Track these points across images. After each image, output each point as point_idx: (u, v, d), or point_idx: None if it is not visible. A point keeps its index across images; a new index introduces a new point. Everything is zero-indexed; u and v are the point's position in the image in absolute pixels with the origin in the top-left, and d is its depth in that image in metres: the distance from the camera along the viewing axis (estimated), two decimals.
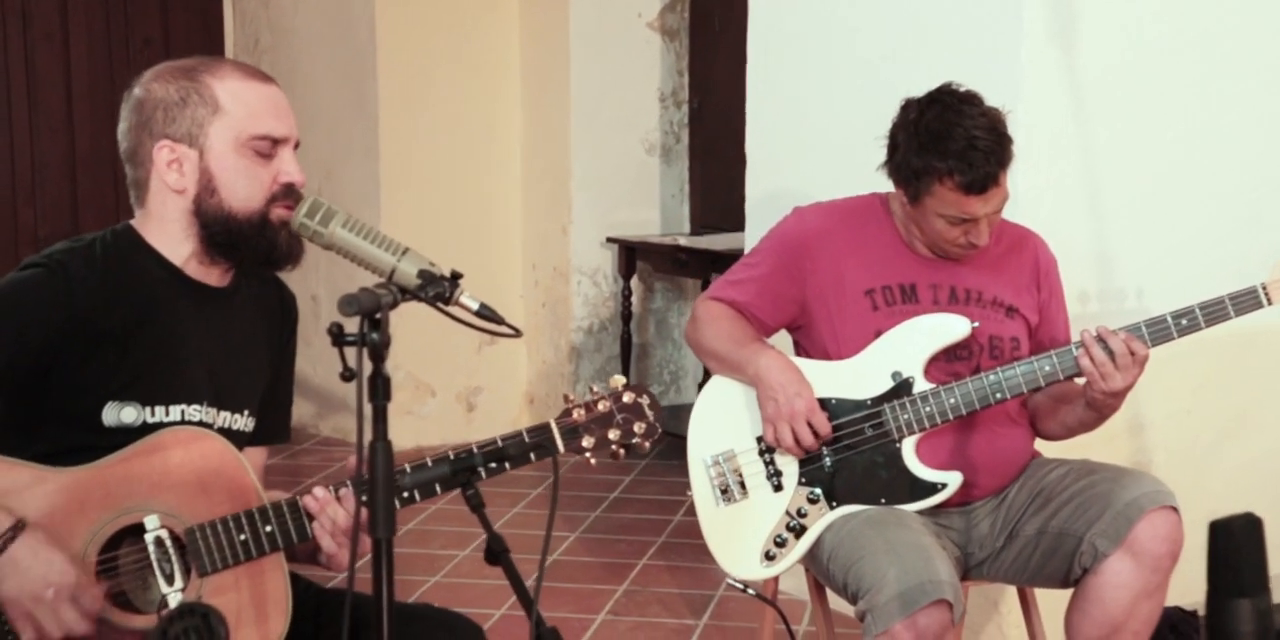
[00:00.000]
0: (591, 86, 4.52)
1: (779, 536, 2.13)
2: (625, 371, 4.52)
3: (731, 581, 2.18)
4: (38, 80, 4.60)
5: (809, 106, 3.22)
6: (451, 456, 1.69)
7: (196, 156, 1.70)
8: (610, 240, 4.55)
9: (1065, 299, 2.28)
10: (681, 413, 1.83)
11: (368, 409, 1.38)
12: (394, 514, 1.38)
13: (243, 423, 1.81)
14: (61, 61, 4.64)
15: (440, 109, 4.52)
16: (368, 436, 1.38)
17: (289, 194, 1.71)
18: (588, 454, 1.74)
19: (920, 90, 2.96)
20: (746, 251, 3.43)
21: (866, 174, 3.09)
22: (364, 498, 1.39)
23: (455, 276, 1.61)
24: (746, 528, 2.14)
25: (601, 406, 1.76)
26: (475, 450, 1.69)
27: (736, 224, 4.44)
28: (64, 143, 4.65)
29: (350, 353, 1.38)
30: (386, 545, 1.36)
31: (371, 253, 1.60)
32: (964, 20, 2.87)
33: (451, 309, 1.58)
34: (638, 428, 1.76)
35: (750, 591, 2.19)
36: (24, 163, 4.59)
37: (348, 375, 1.40)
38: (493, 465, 1.69)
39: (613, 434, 1.75)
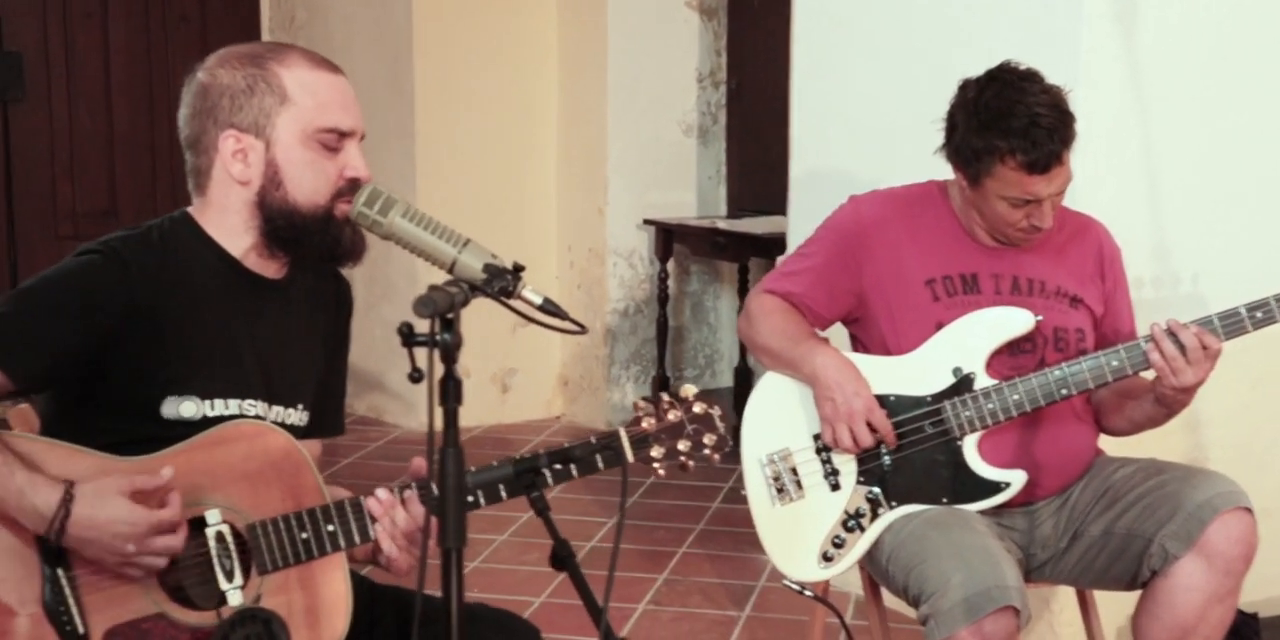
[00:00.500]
0: (629, 66, 4.46)
1: (837, 537, 2.10)
2: (660, 355, 4.49)
3: (788, 583, 2.14)
4: (77, 57, 4.58)
5: (857, 87, 3.15)
6: (515, 458, 1.66)
7: (263, 147, 1.66)
8: (647, 222, 4.50)
9: (1136, 296, 2.23)
10: (714, 397, 1.79)
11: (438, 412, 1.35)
12: (465, 523, 1.34)
13: (296, 417, 1.78)
14: (100, 39, 4.61)
15: (477, 89, 4.47)
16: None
17: (354, 189, 1.66)
18: (656, 465, 1.71)
19: (974, 73, 2.92)
20: (788, 235, 3.43)
21: (917, 157, 3.03)
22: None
23: (518, 269, 1.57)
24: (803, 528, 2.11)
25: (672, 416, 1.72)
26: (542, 453, 1.65)
27: (775, 207, 4.40)
28: (102, 120, 4.63)
29: (419, 353, 1.34)
30: (457, 555, 1.33)
31: (432, 244, 1.56)
32: (1022, 10, 2.80)
33: (514, 302, 1.54)
34: (707, 439, 1.72)
35: (808, 593, 2.16)
36: (63, 139, 4.58)
37: (416, 377, 1.36)
38: (558, 468, 1.65)
39: (682, 445, 1.71)
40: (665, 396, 1.74)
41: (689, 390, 1.75)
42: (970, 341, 2.07)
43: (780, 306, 2.17)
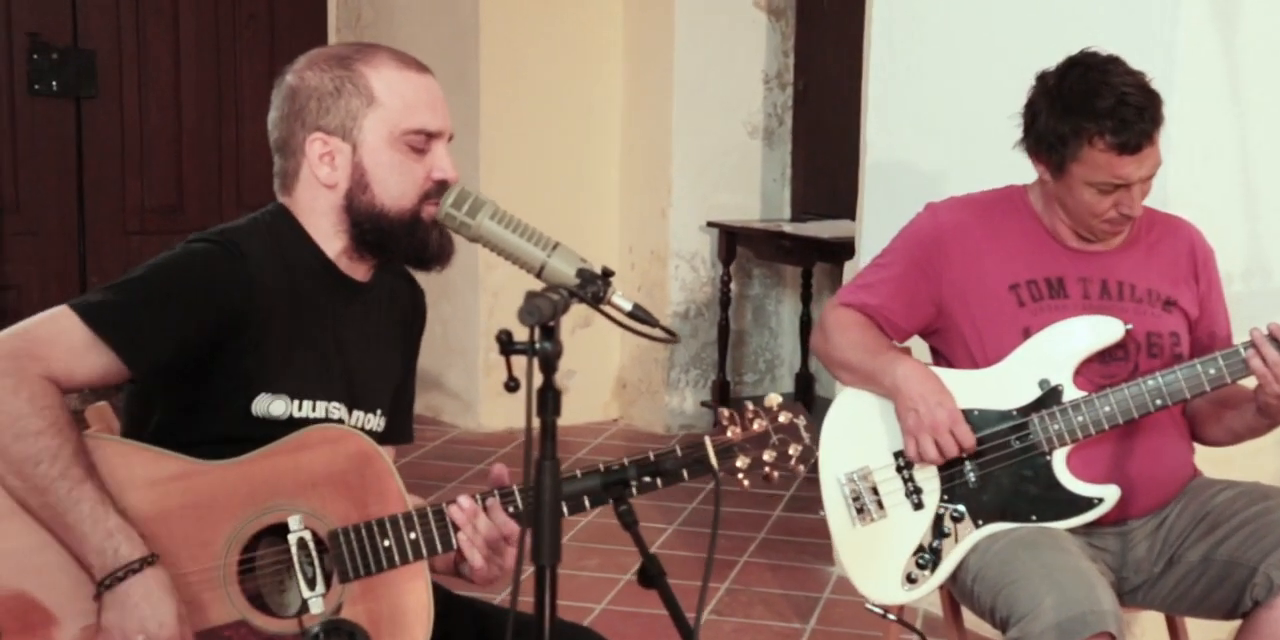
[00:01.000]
0: (695, 66, 4.42)
1: (921, 558, 2.04)
2: (721, 359, 4.44)
3: (871, 607, 2.09)
4: (147, 54, 4.62)
5: (937, 88, 3.10)
6: (602, 469, 1.62)
7: (350, 150, 1.64)
8: (710, 224, 4.46)
9: (1224, 291, 2.15)
10: (798, 406, 1.74)
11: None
12: (559, 538, 1.31)
13: (375, 423, 1.76)
14: (171, 36, 4.64)
15: (541, 87, 4.45)
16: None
17: (442, 191, 1.63)
18: (740, 475, 1.67)
19: None
20: (859, 237, 3.37)
21: (998, 158, 2.95)
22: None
23: (607, 274, 1.54)
24: (885, 549, 2.05)
25: (757, 426, 1.68)
26: (628, 463, 1.61)
27: (840, 210, 4.34)
28: (171, 116, 4.67)
29: (517, 362, 1.31)
30: (551, 573, 1.29)
31: (521, 247, 1.53)
32: (1114, 8, 2.73)
33: (604, 308, 1.51)
34: (793, 450, 1.68)
35: (891, 617, 2.11)
36: (133, 136, 4.62)
37: (513, 386, 1.33)
38: (646, 480, 1.61)
39: (767, 455, 1.68)
40: (750, 405, 1.71)
41: (774, 399, 1.71)
42: (1057, 352, 2.01)
43: (857, 320, 2.12)
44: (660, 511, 3.63)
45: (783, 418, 1.69)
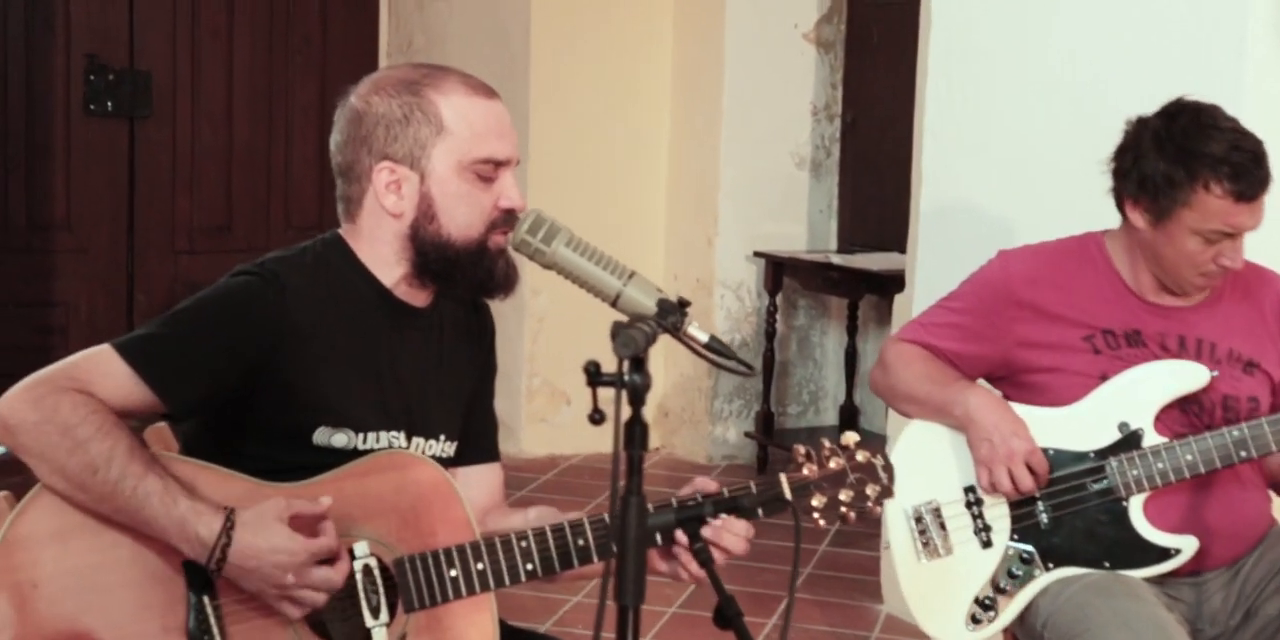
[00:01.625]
0: (743, 96, 4.42)
1: (986, 598, 1.99)
2: (766, 390, 4.40)
3: None
4: (202, 75, 4.66)
5: (995, 125, 3.07)
6: (675, 505, 1.59)
7: (418, 180, 1.61)
8: (757, 254, 4.44)
9: None
10: (875, 444, 1.71)
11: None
12: (645, 576, 1.27)
13: (439, 448, 1.73)
14: (225, 57, 4.69)
15: (589, 114, 4.45)
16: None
17: (509, 220, 1.61)
18: (816, 515, 1.63)
19: (1121, 114, 2.84)
20: (912, 271, 3.33)
21: (1056, 193, 2.96)
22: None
23: (683, 304, 1.52)
24: (951, 586, 2.00)
25: (834, 464, 1.64)
26: (702, 499, 1.58)
27: (887, 243, 4.31)
28: (223, 136, 4.70)
29: (603, 393, 1.28)
30: (634, 614, 1.25)
31: (597, 275, 1.51)
32: (1178, 43, 2.71)
33: (682, 338, 1.50)
34: (870, 490, 1.64)
35: None
36: (184, 154, 4.65)
37: (598, 418, 1.30)
38: (722, 516, 1.58)
39: (844, 495, 1.64)
40: (826, 443, 1.67)
41: (850, 437, 1.67)
42: (1138, 395, 1.96)
43: (921, 354, 2.08)
44: None
45: (860, 457, 1.65)
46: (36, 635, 1.52)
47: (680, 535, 1.57)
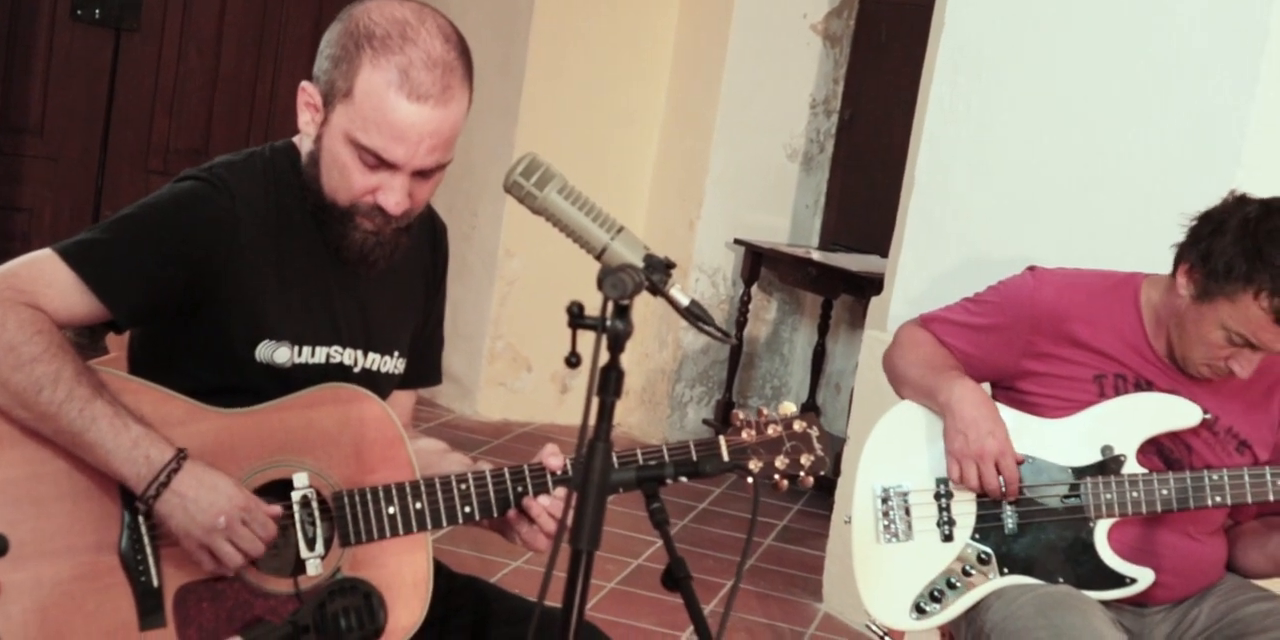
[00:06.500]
0: (744, 82, 4.37)
1: (936, 590, 1.96)
2: (729, 379, 4.36)
3: (871, 626, 2.04)
4: None
5: (994, 137, 3.04)
6: (641, 462, 1.55)
7: (321, 119, 1.55)
8: (738, 242, 4.39)
9: None
10: (813, 415, 1.70)
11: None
12: (601, 524, 1.23)
13: (392, 365, 1.68)
14: None
15: (585, 81, 4.39)
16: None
17: (380, 213, 1.54)
18: (750, 480, 1.60)
19: (1126, 138, 2.81)
20: (893, 275, 3.29)
21: (1048, 209, 2.93)
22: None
23: (669, 265, 1.48)
24: (902, 572, 1.97)
25: (771, 431, 1.65)
26: (668, 460, 1.54)
27: (869, 245, 4.28)
28: (209, 59, 4.60)
29: (583, 336, 1.24)
30: (587, 558, 1.21)
31: (585, 226, 1.46)
32: (1190, 80, 2.68)
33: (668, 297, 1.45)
34: (804, 460, 1.65)
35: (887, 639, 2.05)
36: (168, 74, 4.55)
37: (574, 361, 1.26)
38: (681, 479, 1.53)
39: (780, 462, 1.64)
40: (764, 411, 1.67)
41: (788, 407, 1.68)
42: (1128, 422, 1.94)
43: (931, 340, 2.07)
44: (650, 525, 3.54)
45: (797, 426, 1.66)
46: None
47: (545, 501, 1.58)
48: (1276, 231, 1.84)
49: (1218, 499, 1.89)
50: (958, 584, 1.96)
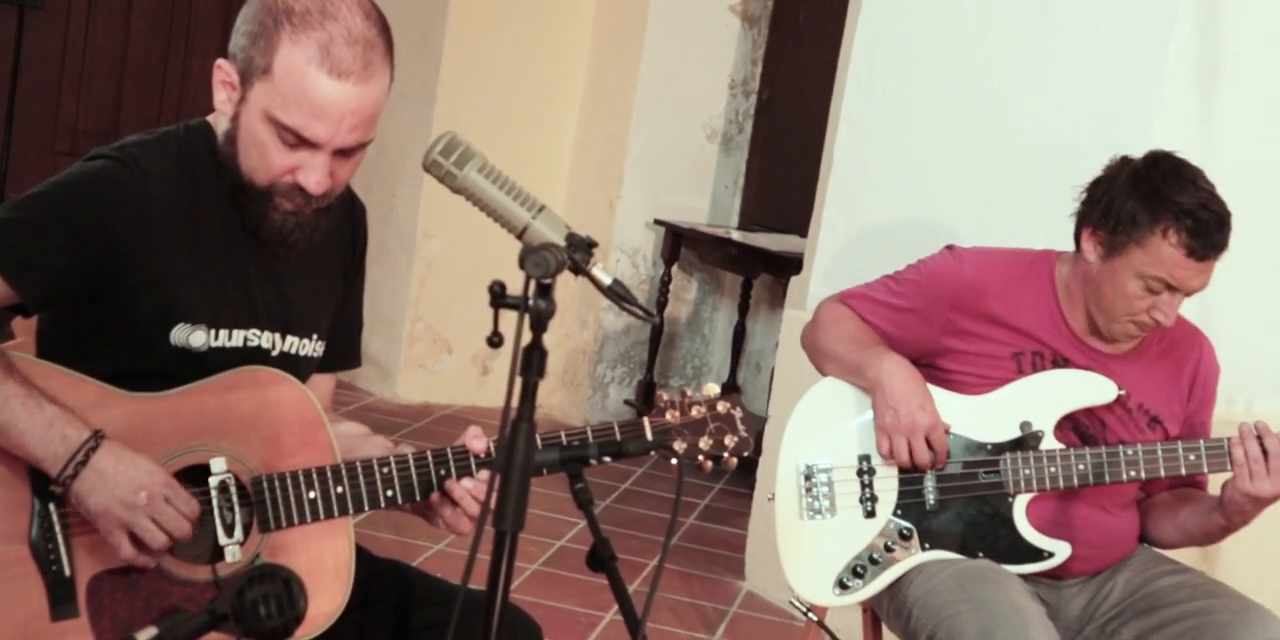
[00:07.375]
0: (662, 63, 4.36)
1: (859, 566, 1.99)
2: (650, 360, 4.37)
3: (794, 602, 2.06)
4: None
5: (910, 118, 3.07)
6: (565, 443, 1.55)
7: (238, 98, 1.52)
8: (658, 222, 4.39)
9: (1215, 406, 2.11)
10: (738, 396, 1.72)
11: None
12: (526, 505, 1.22)
13: (311, 348, 1.65)
14: None
15: (504, 59, 4.35)
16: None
17: (298, 195, 1.51)
18: (674, 461, 1.63)
19: (1040, 118, 2.86)
20: (813, 254, 3.32)
21: (966, 189, 2.96)
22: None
23: (591, 244, 1.47)
24: (825, 548, 1.99)
25: (695, 412, 1.65)
26: (591, 441, 1.54)
27: (788, 225, 4.30)
28: (118, 39, 4.48)
29: (505, 316, 1.23)
30: (511, 539, 1.20)
31: (506, 205, 1.44)
32: (1100, 53, 2.73)
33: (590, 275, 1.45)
34: (729, 440, 1.65)
35: (811, 617, 2.08)
36: (75, 54, 4.43)
37: (496, 341, 1.25)
38: (606, 460, 1.53)
39: (704, 443, 1.64)
40: (689, 392, 1.68)
41: (712, 388, 1.68)
42: (1045, 399, 1.97)
43: (852, 316, 2.08)
44: (571, 505, 3.53)
45: (720, 407, 1.66)
46: None
47: (468, 483, 1.57)
48: (1169, 173, 1.90)
49: (1132, 473, 1.93)
50: (880, 559, 1.98)
